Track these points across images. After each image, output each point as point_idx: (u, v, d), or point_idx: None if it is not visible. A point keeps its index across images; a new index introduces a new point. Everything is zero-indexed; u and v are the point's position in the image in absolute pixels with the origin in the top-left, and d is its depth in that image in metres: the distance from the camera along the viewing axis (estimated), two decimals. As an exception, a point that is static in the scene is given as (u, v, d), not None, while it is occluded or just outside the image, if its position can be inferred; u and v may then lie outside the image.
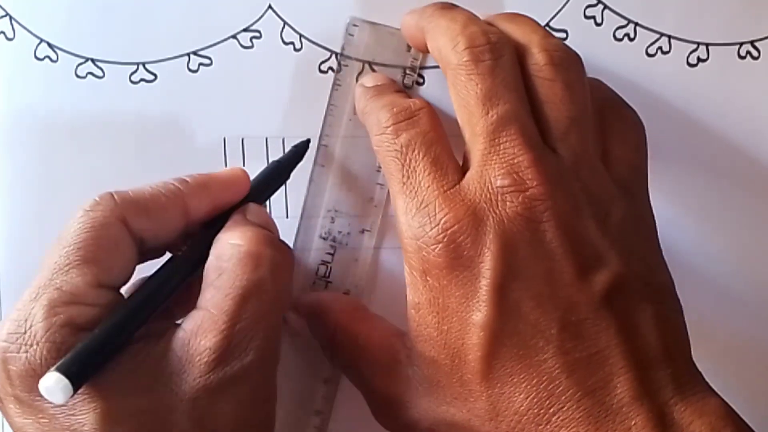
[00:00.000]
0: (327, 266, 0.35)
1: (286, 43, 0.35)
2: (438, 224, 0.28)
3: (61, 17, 0.35)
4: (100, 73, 0.35)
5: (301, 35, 0.35)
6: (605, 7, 0.35)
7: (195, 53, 0.35)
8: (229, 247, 0.29)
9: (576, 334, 0.27)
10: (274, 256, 0.29)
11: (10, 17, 0.35)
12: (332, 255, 0.35)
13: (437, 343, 0.28)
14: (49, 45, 0.35)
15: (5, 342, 0.27)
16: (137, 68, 0.35)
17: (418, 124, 0.30)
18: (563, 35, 0.35)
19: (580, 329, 0.27)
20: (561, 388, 0.26)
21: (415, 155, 0.29)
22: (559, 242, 0.27)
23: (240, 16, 0.35)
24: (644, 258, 0.29)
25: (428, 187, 0.28)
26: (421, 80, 0.35)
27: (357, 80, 0.35)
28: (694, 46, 0.35)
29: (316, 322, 0.33)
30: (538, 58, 0.29)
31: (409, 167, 0.29)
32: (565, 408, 0.26)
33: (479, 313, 0.27)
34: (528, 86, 0.30)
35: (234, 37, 0.35)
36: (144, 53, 0.35)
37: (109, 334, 0.27)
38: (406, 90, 0.35)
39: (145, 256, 0.30)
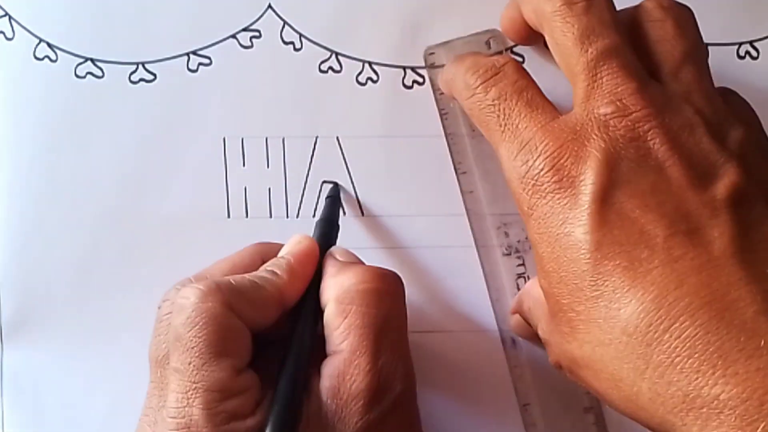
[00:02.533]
0: (524, 278, 0.35)
1: (286, 43, 0.35)
2: (540, 153, 0.27)
3: (61, 17, 0.35)
4: (99, 73, 0.35)
5: (301, 35, 0.35)
6: None
7: (194, 53, 0.35)
8: (347, 289, 0.29)
9: (685, 242, 0.25)
10: (390, 286, 0.29)
11: (10, 17, 0.35)
12: (524, 265, 0.35)
13: (549, 273, 0.27)
14: (49, 45, 0.35)
15: None
16: (137, 68, 0.35)
17: (506, 76, 0.30)
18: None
19: (691, 237, 0.25)
20: (671, 301, 0.24)
21: (508, 104, 0.29)
22: (666, 155, 0.26)
23: (240, 16, 0.35)
24: None
25: (526, 127, 0.28)
26: (421, 80, 0.35)
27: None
28: (694, 46, 0.35)
29: (521, 307, 0.33)
30: (647, 4, 0.30)
31: (505, 115, 0.29)
32: (677, 323, 0.24)
33: (580, 227, 0.26)
34: (640, 32, 0.29)
35: (234, 36, 0.35)
36: (143, 53, 0.35)
37: (287, 414, 0.27)
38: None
39: None
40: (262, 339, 0.29)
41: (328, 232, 0.33)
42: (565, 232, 0.27)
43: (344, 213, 0.35)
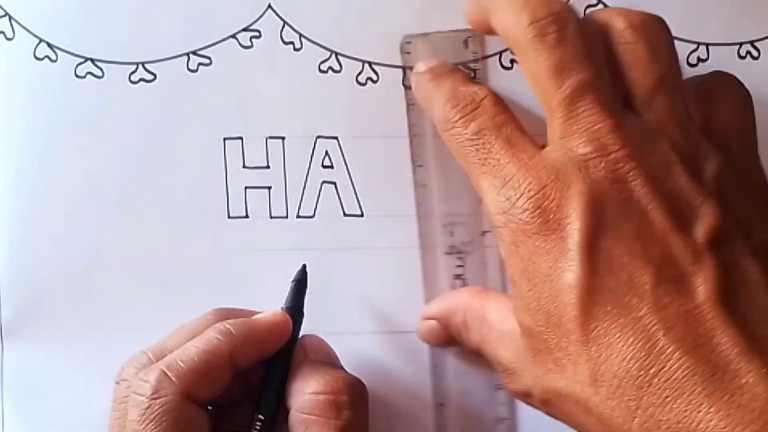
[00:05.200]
0: (461, 279, 0.35)
1: (285, 43, 0.35)
2: (523, 193, 0.28)
3: (61, 17, 0.35)
4: (99, 73, 0.35)
5: (300, 35, 0.35)
6: (605, 7, 0.35)
7: (194, 53, 0.35)
8: (308, 399, 0.30)
9: (672, 290, 0.26)
10: (352, 396, 0.30)
11: (10, 17, 0.35)
12: (463, 267, 0.35)
13: (533, 311, 0.28)
14: (49, 45, 0.35)
15: None
16: (137, 68, 0.35)
17: (485, 110, 0.30)
18: (563, 35, 0.35)
19: (677, 284, 0.26)
20: (659, 347, 0.25)
21: (488, 139, 0.29)
22: (648, 199, 0.27)
23: (239, 16, 0.35)
24: (747, 210, 0.28)
25: (508, 162, 0.28)
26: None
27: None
28: (694, 46, 0.35)
29: (449, 316, 0.33)
30: (618, 24, 0.29)
31: (485, 149, 0.29)
32: (666, 368, 0.25)
33: (570, 273, 0.26)
34: (612, 56, 0.29)
35: (233, 36, 0.35)
36: (143, 53, 0.35)
37: None
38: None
39: None
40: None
41: (294, 318, 0.32)
42: (554, 276, 0.27)
43: (351, 212, 0.35)
